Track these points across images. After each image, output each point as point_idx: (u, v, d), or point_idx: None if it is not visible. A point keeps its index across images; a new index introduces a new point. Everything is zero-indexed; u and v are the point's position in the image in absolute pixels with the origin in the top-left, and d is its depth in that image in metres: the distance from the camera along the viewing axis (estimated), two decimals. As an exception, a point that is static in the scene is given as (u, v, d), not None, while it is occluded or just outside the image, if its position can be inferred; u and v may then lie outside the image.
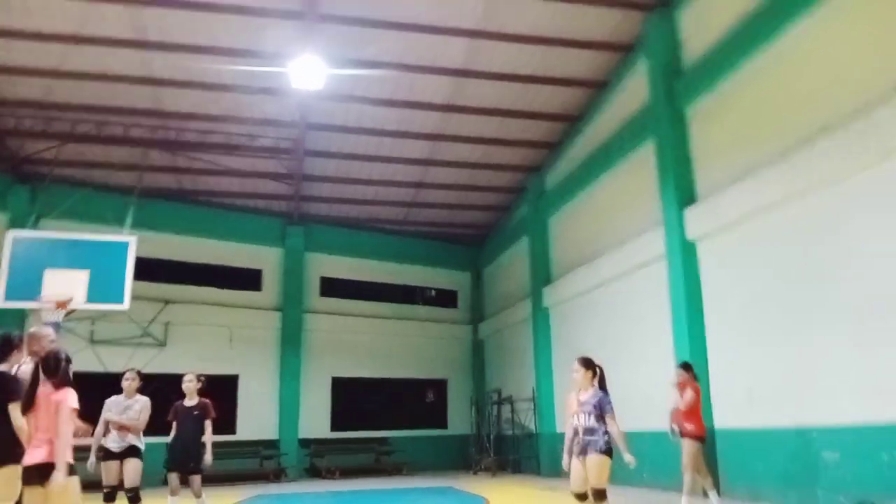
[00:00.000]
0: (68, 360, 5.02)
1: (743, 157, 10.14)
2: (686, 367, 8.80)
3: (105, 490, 6.88)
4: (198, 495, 7.37)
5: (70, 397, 4.86)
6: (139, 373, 7.55)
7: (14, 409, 4.72)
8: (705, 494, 8.60)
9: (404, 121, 15.71)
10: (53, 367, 4.88)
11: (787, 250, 9.18)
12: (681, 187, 11.30)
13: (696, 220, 10.90)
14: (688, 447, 8.34)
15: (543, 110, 15.44)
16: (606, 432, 5.98)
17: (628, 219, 13.29)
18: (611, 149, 13.81)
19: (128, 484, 6.82)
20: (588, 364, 6.25)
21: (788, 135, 9.26)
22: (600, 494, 5.89)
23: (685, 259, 11.03)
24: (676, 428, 8.60)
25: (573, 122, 15.73)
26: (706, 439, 8.64)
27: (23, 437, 4.72)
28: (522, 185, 18.40)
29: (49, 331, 5.61)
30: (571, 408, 6.25)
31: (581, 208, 15.49)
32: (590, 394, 6.15)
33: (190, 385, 7.68)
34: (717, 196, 10.42)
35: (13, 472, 4.79)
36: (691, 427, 8.36)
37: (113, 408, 7.10)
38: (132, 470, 6.86)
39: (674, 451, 10.23)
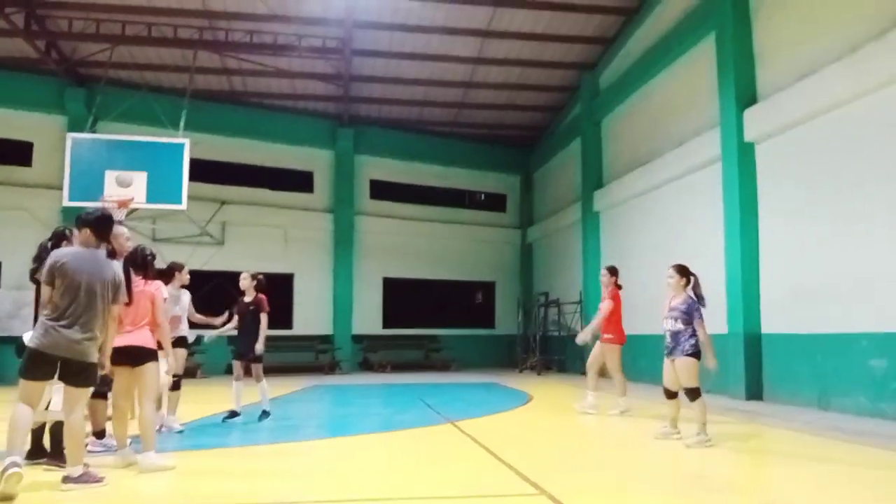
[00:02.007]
0: (153, 256, 5.65)
1: (808, 52, 9.51)
2: (612, 270, 8.75)
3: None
4: (258, 380, 7.92)
5: (162, 290, 5.57)
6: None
7: None
8: (594, 389, 8.76)
9: (452, 17, 15.16)
10: (141, 262, 5.48)
11: (848, 151, 8.73)
12: (741, 86, 10.74)
13: (755, 121, 10.41)
14: (608, 352, 8.56)
15: (599, 3, 14.65)
16: (693, 335, 6.22)
17: (685, 120, 12.79)
18: (669, 44, 13.12)
19: (174, 370, 7.18)
20: (682, 271, 6.46)
21: (857, 27, 8.62)
22: (693, 393, 6.18)
23: (742, 161, 10.62)
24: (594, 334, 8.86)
25: (630, 14, 14.92)
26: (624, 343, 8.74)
27: None
28: (576, 83, 17.77)
29: (124, 229, 5.91)
30: (663, 312, 6.52)
31: (636, 109, 14.95)
32: (680, 300, 6.38)
33: (245, 283, 8.04)
34: (779, 95, 9.87)
35: None
36: (610, 336, 8.52)
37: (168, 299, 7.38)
38: (179, 357, 7.31)
39: (732, 355, 10.33)
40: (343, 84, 17.53)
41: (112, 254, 4.93)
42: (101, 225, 4.71)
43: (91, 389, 4.61)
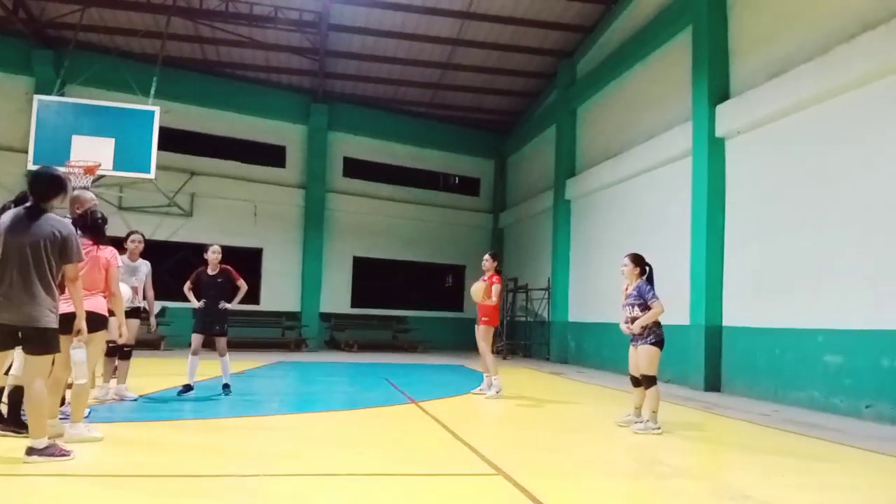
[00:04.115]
0: (104, 220, 5.38)
1: (781, 51, 9.65)
2: (495, 256, 9.16)
3: (109, 345, 7.17)
4: (222, 354, 7.90)
5: (116, 257, 5.34)
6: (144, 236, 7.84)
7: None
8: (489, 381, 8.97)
9: (433, -4, 15.05)
10: (91, 225, 5.23)
11: (816, 150, 8.90)
12: (714, 81, 10.85)
13: (727, 117, 10.55)
14: (482, 332, 8.88)
15: (580, -9, 14.67)
16: (656, 323, 6.32)
17: (658, 113, 12.90)
18: (646, 36, 13.18)
19: (126, 340, 7.05)
20: (636, 260, 6.54)
21: (830, 29, 8.77)
22: (649, 380, 6.31)
23: (712, 156, 10.77)
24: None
25: (609, 4, 14.95)
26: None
27: None
28: (553, 70, 17.78)
29: (91, 195, 5.76)
30: (622, 301, 6.61)
31: (611, 99, 15.03)
32: (634, 287, 6.47)
33: (216, 256, 7.93)
34: (751, 92, 10.00)
35: None
36: (486, 318, 8.89)
37: (121, 269, 7.04)
38: (133, 328, 7.21)
39: (692, 347, 10.51)
40: (318, 59, 17.32)
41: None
42: (34, 183, 4.37)
43: (49, 357, 4.37)
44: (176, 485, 3.92)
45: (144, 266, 7.60)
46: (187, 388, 7.68)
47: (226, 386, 7.85)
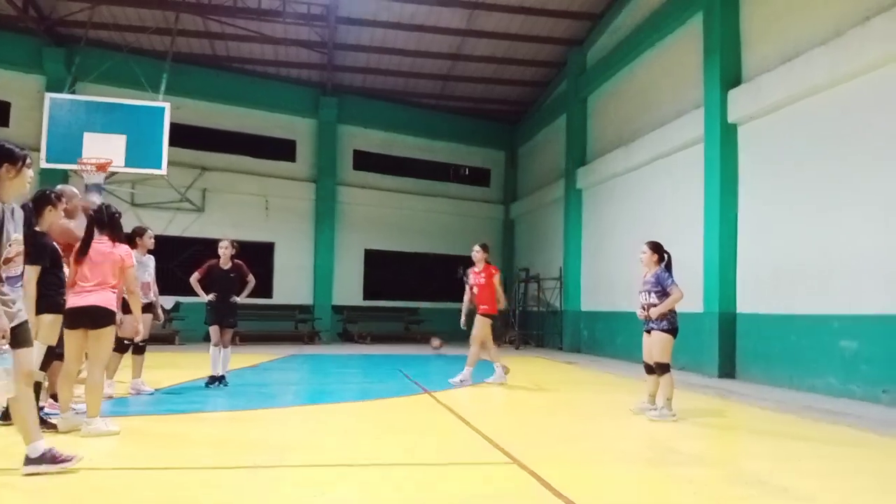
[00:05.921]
0: (120, 214, 5.40)
1: (794, 35, 9.53)
2: (485, 247, 9.23)
3: (124, 342, 7.05)
4: (226, 346, 8.00)
5: (132, 255, 5.34)
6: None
7: (31, 271, 4.63)
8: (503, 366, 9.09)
9: (441, -13, 14.99)
10: (108, 221, 5.23)
11: (828, 134, 8.81)
12: (726, 67, 10.75)
13: (739, 102, 10.44)
14: (481, 323, 8.90)
15: (589, -22, 14.56)
16: (671, 310, 6.30)
17: (670, 100, 12.79)
18: (656, 22, 13.06)
19: (143, 336, 6.89)
20: (655, 248, 6.54)
21: (844, 11, 8.64)
22: (662, 368, 6.30)
23: (724, 142, 10.68)
24: (470, 307, 9.25)
25: (620, -9, 14.84)
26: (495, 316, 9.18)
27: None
28: (563, 59, 17.66)
29: (73, 188, 5.76)
30: (640, 288, 6.60)
31: (622, 87, 14.91)
32: (651, 274, 6.47)
33: (226, 252, 8.02)
34: (764, 77, 9.89)
35: (55, 320, 5.20)
36: (486, 307, 8.90)
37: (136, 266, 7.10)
38: (147, 323, 7.10)
39: (706, 334, 10.45)
40: (327, 52, 17.30)
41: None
42: None
43: None
44: (191, 476, 3.95)
45: (152, 261, 7.63)
46: (213, 379, 7.81)
47: (222, 378, 7.94)
